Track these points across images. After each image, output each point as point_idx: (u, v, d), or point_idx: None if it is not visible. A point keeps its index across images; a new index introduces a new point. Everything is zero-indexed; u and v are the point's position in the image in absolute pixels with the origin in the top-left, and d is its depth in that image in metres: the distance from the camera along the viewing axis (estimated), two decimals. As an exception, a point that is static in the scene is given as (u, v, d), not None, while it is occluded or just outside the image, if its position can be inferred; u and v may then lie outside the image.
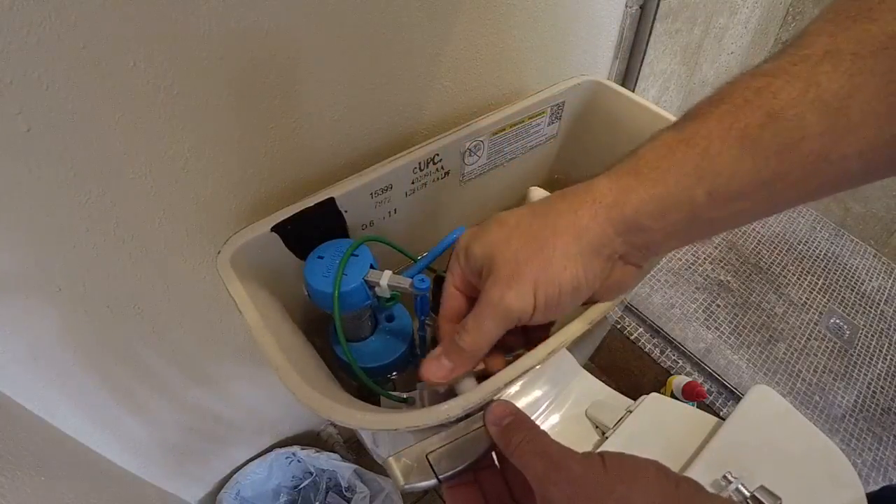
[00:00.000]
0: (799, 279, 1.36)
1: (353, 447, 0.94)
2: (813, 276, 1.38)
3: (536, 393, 0.79)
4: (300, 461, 0.83)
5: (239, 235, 0.38)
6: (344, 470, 0.81)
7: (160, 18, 0.30)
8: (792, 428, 0.66)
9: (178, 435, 0.64)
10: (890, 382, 1.20)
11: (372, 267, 0.38)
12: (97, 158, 0.34)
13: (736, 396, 1.06)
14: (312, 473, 0.85)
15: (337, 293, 0.36)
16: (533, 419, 0.26)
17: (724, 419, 0.68)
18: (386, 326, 0.46)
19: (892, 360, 1.24)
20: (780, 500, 0.55)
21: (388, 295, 0.39)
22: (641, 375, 1.16)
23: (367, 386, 0.39)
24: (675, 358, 1.12)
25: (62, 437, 0.49)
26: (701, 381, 1.06)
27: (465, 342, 0.28)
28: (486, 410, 0.28)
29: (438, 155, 0.47)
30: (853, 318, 1.30)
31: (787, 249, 1.43)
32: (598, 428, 0.77)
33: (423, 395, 0.37)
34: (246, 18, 0.34)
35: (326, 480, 0.85)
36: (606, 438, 0.71)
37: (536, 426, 0.25)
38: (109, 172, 0.35)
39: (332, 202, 0.41)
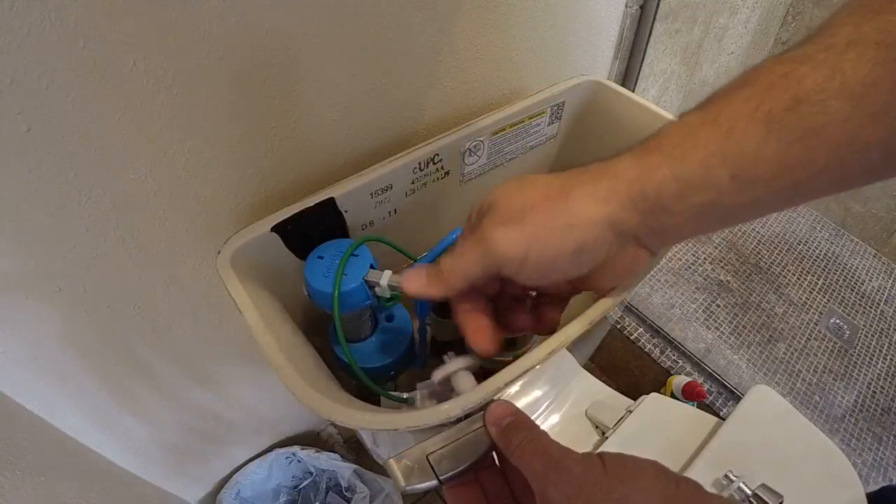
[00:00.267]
0: (799, 279, 1.36)
1: (353, 447, 0.94)
2: (813, 276, 1.38)
3: (536, 393, 0.79)
4: (300, 461, 0.82)
5: (239, 235, 0.38)
6: (344, 470, 0.81)
7: (160, 18, 0.30)
8: (792, 428, 0.66)
9: (178, 435, 0.64)
10: (890, 382, 1.20)
11: (372, 267, 0.38)
12: (97, 158, 0.34)
13: (736, 396, 1.06)
14: (312, 473, 0.85)
15: (337, 293, 0.36)
16: (533, 419, 0.26)
17: (724, 419, 0.68)
18: (386, 326, 0.46)
19: (892, 360, 1.24)
20: (781, 497, 0.55)
21: (388, 295, 0.39)
22: (641, 375, 1.16)
23: (366, 386, 0.39)
24: (675, 358, 1.12)
25: (62, 437, 0.49)
26: (701, 381, 1.06)
27: (444, 264, 0.29)
28: (486, 410, 0.28)
29: (438, 155, 0.47)
30: (853, 318, 1.30)
31: (787, 249, 1.43)
32: (598, 428, 0.77)
33: (422, 395, 0.37)
34: (246, 18, 0.34)
35: (326, 480, 0.85)
36: (606, 438, 0.71)
37: (536, 426, 0.25)
38: (109, 172, 0.35)
39: (332, 202, 0.41)
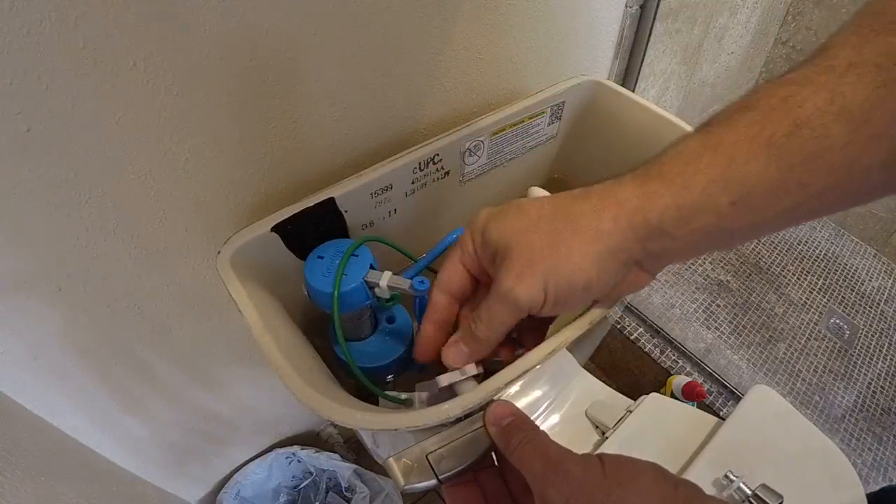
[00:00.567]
0: (799, 279, 1.36)
1: (353, 447, 0.94)
2: (813, 276, 1.38)
3: (536, 393, 0.79)
4: (300, 461, 0.83)
5: (239, 235, 0.38)
6: (344, 470, 0.81)
7: (160, 18, 0.30)
8: (792, 428, 0.66)
9: (178, 435, 0.64)
10: (890, 382, 1.20)
11: (372, 267, 0.38)
12: (97, 158, 0.34)
13: (736, 396, 1.06)
14: (312, 473, 0.85)
15: (337, 293, 0.36)
16: (533, 419, 0.26)
17: (724, 419, 0.68)
18: (386, 327, 0.46)
19: (892, 360, 1.24)
20: (781, 498, 0.55)
21: (387, 295, 0.39)
22: (641, 375, 1.16)
23: (365, 386, 0.39)
24: (675, 358, 1.12)
25: (62, 436, 0.49)
26: (701, 381, 1.06)
27: (479, 331, 0.29)
28: (485, 410, 0.28)
29: (438, 155, 0.47)
30: (853, 318, 1.30)
31: (787, 249, 1.43)
32: (598, 428, 0.77)
33: (421, 395, 0.37)
34: (246, 18, 0.34)
35: (326, 480, 0.85)
36: (606, 438, 0.71)
37: (536, 426, 0.25)
38: (109, 172, 0.35)
39: (332, 202, 0.41)
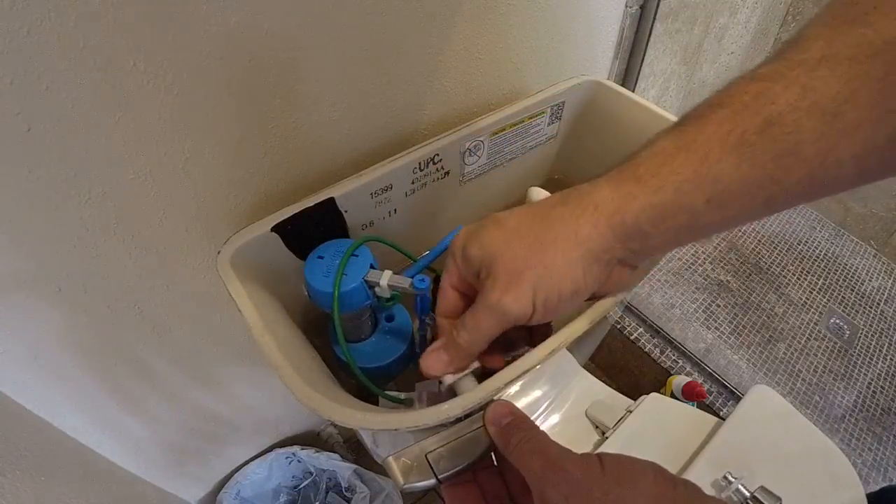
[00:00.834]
0: (799, 279, 1.36)
1: (353, 447, 0.94)
2: (813, 276, 1.38)
3: (536, 393, 0.79)
4: (300, 461, 0.83)
5: (239, 235, 0.38)
6: (344, 470, 0.81)
7: (160, 18, 0.30)
8: (792, 428, 0.66)
9: (178, 435, 0.64)
10: (890, 382, 1.20)
11: (372, 267, 0.38)
12: (97, 158, 0.34)
13: (736, 396, 1.06)
14: (312, 473, 0.85)
15: (337, 293, 0.36)
16: (533, 419, 0.26)
17: (724, 419, 0.68)
18: (386, 326, 0.46)
19: (892, 360, 1.24)
20: (780, 500, 0.55)
21: (387, 295, 0.39)
22: (641, 375, 1.16)
23: (365, 386, 0.39)
24: (675, 358, 1.12)
25: (62, 437, 0.49)
26: (701, 381, 1.06)
27: (462, 339, 0.28)
28: (485, 410, 0.28)
29: (438, 155, 0.47)
30: (853, 318, 1.30)
31: (787, 249, 1.43)
32: (598, 428, 0.77)
33: (421, 395, 0.37)
34: (246, 19, 0.34)
35: (326, 480, 0.85)
36: (606, 438, 0.71)
37: (535, 426, 0.25)
38: (109, 172, 0.35)
39: (332, 202, 0.41)
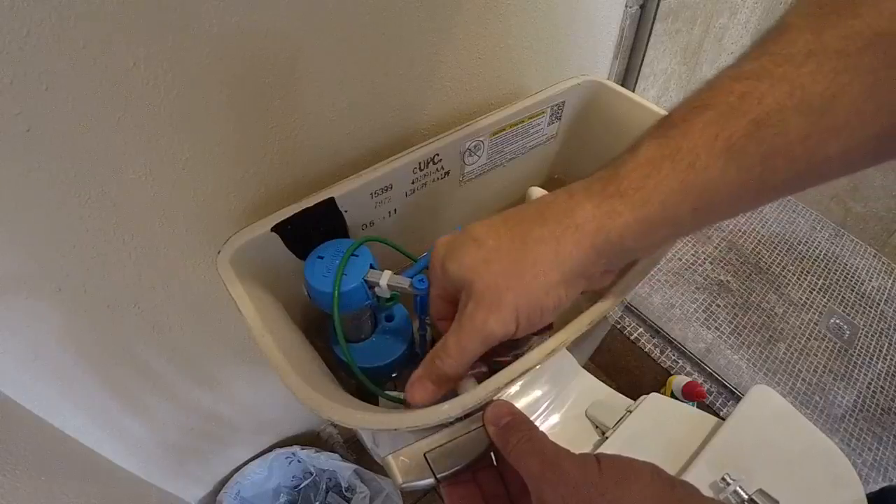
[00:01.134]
0: (799, 279, 1.36)
1: (353, 447, 0.94)
2: (813, 276, 1.38)
3: (536, 393, 0.79)
4: (300, 461, 0.83)
5: (239, 235, 0.38)
6: (344, 470, 0.81)
7: (160, 18, 0.30)
8: (792, 428, 0.66)
9: (178, 435, 0.64)
10: (890, 382, 1.20)
11: (372, 267, 0.38)
12: (97, 158, 0.34)
13: (736, 396, 1.06)
14: (312, 473, 0.85)
15: (337, 293, 0.36)
16: (533, 419, 0.26)
17: (724, 419, 0.68)
18: (386, 326, 0.46)
19: (892, 360, 1.24)
20: (777, 503, 0.55)
21: (387, 295, 0.39)
22: (641, 375, 1.16)
23: (366, 386, 0.39)
24: (675, 358, 1.12)
25: (62, 437, 0.49)
26: (701, 381, 1.06)
27: (447, 365, 0.28)
28: (484, 410, 0.28)
29: (438, 155, 0.47)
30: (853, 318, 1.30)
31: (787, 249, 1.43)
32: (598, 428, 0.77)
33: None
34: (246, 19, 0.34)
35: (326, 480, 0.85)
36: (606, 438, 0.71)
37: (534, 426, 0.25)
38: (109, 172, 0.35)
39: (332, 202, 0.41)
